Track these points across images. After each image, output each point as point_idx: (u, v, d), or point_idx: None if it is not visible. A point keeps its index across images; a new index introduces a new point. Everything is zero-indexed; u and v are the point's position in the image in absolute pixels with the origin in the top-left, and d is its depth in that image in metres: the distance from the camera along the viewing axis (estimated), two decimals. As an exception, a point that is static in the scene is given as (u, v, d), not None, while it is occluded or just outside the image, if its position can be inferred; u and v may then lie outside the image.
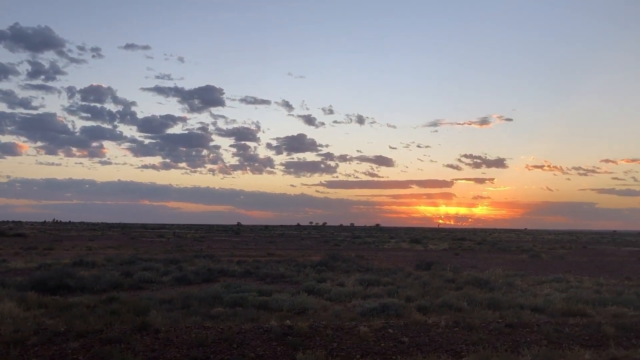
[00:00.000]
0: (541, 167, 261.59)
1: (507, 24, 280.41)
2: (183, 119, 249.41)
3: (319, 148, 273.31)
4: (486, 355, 7.77)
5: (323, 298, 13.78)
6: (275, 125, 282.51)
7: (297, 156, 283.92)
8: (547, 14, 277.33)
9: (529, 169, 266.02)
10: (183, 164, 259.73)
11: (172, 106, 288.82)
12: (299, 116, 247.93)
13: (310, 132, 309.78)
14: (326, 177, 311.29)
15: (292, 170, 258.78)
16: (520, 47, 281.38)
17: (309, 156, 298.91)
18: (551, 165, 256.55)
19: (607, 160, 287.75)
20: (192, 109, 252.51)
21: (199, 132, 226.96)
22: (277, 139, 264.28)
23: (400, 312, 11.37)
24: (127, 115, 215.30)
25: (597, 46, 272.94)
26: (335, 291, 14.51)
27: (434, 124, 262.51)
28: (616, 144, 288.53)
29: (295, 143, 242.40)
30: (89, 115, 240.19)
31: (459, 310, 11.95)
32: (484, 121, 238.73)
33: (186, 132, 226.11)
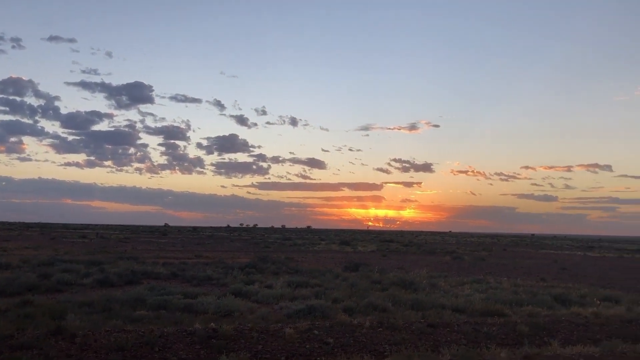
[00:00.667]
0: (465, 172, 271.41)
1: (437, 34, 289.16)
2: (110, 116, 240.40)
3: (251, 149, 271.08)
4: (408, 355, 7.94)
5: (250, 300, 13.68)
6: (206, 125, 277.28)
7: (228, 157, 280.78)
8: (475, 27, 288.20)
9: (454, 174, 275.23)
10: (109, 162, 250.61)
11: (98, 102, 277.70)
12: (231, 116, 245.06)
13: (242, 133, 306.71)
14: (258, 179, 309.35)
15: (223, 170, 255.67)
16: (448, 56, 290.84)
17: (241, 157, 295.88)
18: (475, 171, 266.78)
19: (526, 167, 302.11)
20: (120, 106, 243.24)
21: (126, 129, 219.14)
22: (207, 138, 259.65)
23: (326, 313, 11.45)
24: (49, 110, 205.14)
25: (519, 60, 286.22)
26: (263, 293, 14.44)
27: (366, 128, 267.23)
28: (535, 152, 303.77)
29: (227, 143, 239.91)
30: (7, 109, 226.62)
31: (384, 310, 12.18)
32: (412, 127, 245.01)
33: (113, 129, 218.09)
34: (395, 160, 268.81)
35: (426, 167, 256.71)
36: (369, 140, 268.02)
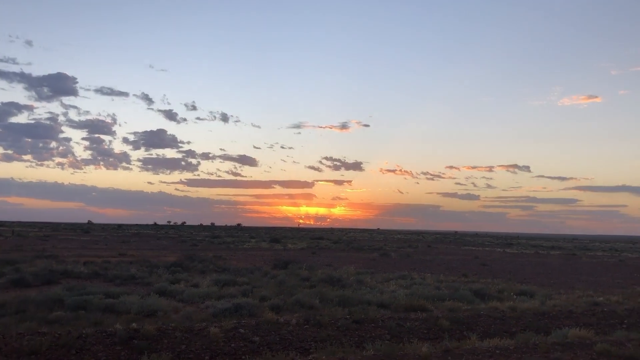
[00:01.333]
0: (394, 171, 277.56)
1: (367, 35, 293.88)
2: (29, 108, 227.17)
3: (180, 145, 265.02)
4: (332, 351, 8.02)
5: (175, 300, 13.40)
6: (133, 119, 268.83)
7: (156, 152, 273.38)
8: (401, 29, 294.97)
9: (383, 173, 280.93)
10: (28, 157, 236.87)
11: (16, 93, 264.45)
12: (160, 111, 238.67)
13: (171, 128, 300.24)
14: (187, 175, 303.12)
15: (150, 166, 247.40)
16: (377, 57, 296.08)
17: (169, 153, 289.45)
18: (403, 170, 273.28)
19: (451, 167, 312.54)
20: (41, 98, 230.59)
21: (48, 122, 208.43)
22: (134, 133, 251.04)
23: (253, 311, 11.38)
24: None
25: (445, 63, 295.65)
26: (188, 292, 14.17)
27: (298, 126, 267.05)
28: (459, 153, 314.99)
29: (155, 138, 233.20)
30: None
31: (311, 308, 12.24)
32: (344, 126, 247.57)
33: (32, 122, 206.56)
34: (326, 158, 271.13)
35: (356, 166, 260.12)
36: (301, 138, 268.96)
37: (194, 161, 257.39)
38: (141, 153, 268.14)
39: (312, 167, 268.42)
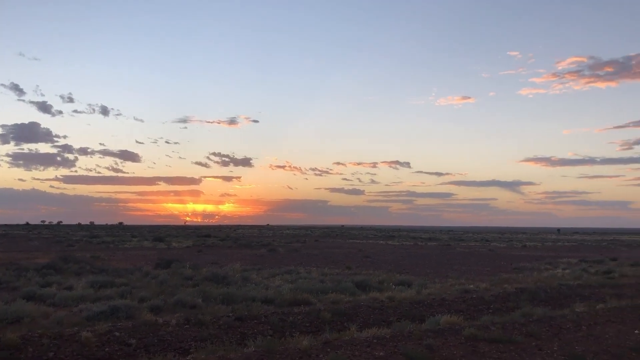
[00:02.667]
0: (283, 167, 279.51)
1: (256, 29, 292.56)
2: None
3: (55, 139, 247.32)
4: (213, 350, 7.89)
5: (46, 304, 12.48)
6: (1, 111, 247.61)
7: (27, 147, 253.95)
8: (290, 26, 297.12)
9: (273, 169, 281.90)
10: None
11: None
12: (32, 102, 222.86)
13: (45, 121, 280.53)
14: (63, 172, 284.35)
15: (21, 162, 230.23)
16: (267, 53, 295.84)
17: (43, 147, 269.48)
18: (292, 166, 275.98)
19: (338, 163, 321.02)
20: None
21: None
22: (3, 126, 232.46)
23: (131, 313, 10.89)
24: None
25: (332, 61, 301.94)
26: (61, 296, 13.29)
27: (184, 120, 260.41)
28: (346, 149, 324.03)
29: (26, 132, 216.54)
30: None
31: (193, 307, 11.96)
32: (232, 121, 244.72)
33: None
34: (214, 154, 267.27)
35: (245, 162, 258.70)
36: (187, 133, 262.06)
37: (70, 156, 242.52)
38: (11, 148, 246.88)
39: (200, 163, 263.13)
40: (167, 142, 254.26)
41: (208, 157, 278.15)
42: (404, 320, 10.66)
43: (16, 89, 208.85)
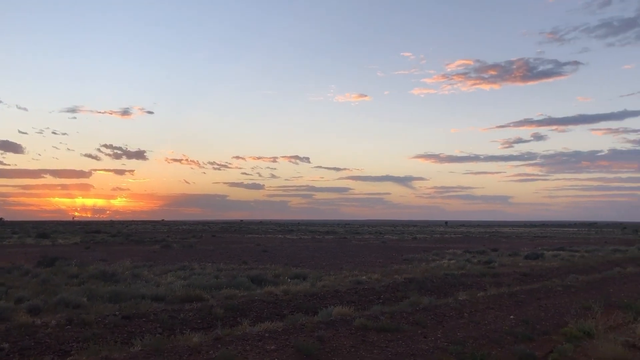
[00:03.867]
0: (180, 160, 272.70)
1: (152, 19, 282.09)
2: None
3: None
4: (96, 350, 7.50)
5: None
6: None
7: None
8: (187, 17, 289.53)
9: (169, 162, 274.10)
10: None
11: None
12: None
13: None
14: None
15: None
16: (163, 43, 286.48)
17: None
18: (189, 159, 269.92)
19: (237, 157, 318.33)
20: None
21: None
22: None
23: (6, 315, 10.09)
24: None
25: (230, 53, 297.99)
26: None
27: (73, 110, 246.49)
28: (245, 143, 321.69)
29: None
30: None
31: (77, 306, 11.30)
32: (125, 112, 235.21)
33: None
34: (106, 146, 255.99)
35: (139, 155, 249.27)
36: (77, 124, 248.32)
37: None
38: None
39: (90, 156, 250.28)
40: (54, 132, 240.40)
41: (99, 149, 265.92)
42: (297, 313, 10.74)
43: None
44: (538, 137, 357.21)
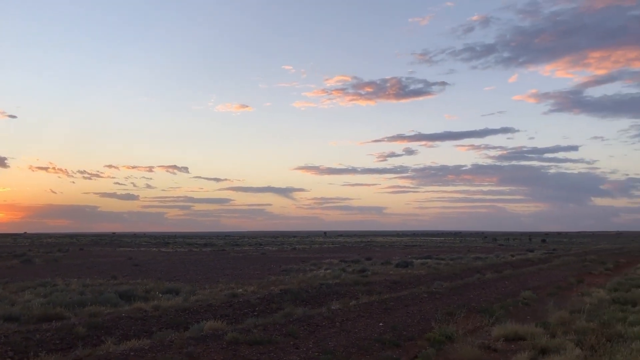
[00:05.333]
0: (46, 169, 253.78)
1: (16, 22, 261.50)
2: None
3: None
4: None
5: None
6: None
7: None
8: (53, 17, 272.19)
9: (33, 170, 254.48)
10: None
11: None
12: None
13: None
14: None
15: None
16: (26, 41, 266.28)
17: None
18: (56, 168, 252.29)
19: (110, 166, 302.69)
20: None
21: None
22: None
23: None
24: None
25: (104, 57, 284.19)
26: None
27: None
28: (119, 151, 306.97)
29: None
30: None
31: None
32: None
33: None
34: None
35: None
36: None
37: None
38: None
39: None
40: None
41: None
42: (167, 330, 10.33)
43: None
44: (409, 152, 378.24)
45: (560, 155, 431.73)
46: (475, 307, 14.25)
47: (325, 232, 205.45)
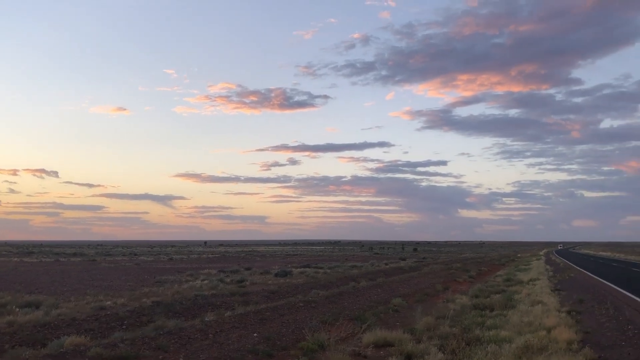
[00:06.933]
0: None
1: None
2: None
3: None
4: None
5: None
6: None
7: None
8: None
9: None
10: None
11: None
12: None
13: None
14: None
15: None
16: None
17: None
18: None
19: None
20: None
21: None
22: None
23: None
24: None
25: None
26: None
27: None
28: None
29: None
30: None
31: None
32: None
33: None
34: None
35: None
36: None
37: None
38: None
39: None
40: None
41: None
42: (22, 347, 9.50)
43: None
44: (293, 162, 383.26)
45: (431, 169, 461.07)
46: (349, 314, 14.61)
47: (205, 242, 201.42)
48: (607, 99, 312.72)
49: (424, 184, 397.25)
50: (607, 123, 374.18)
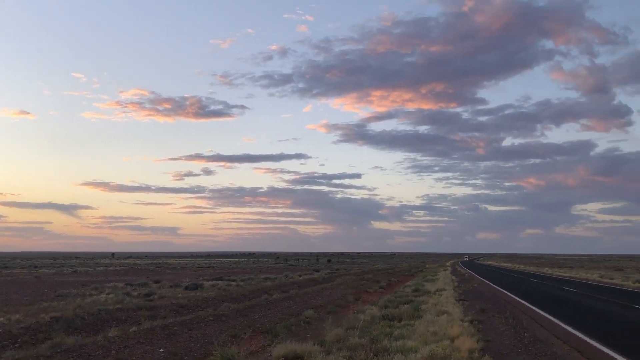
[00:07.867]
0: None
1: None
2: None
3: None
4: None
5: None
6: None
7: None
8: None
9: None
10: None
11: None
12: None
13: None
14: None
15: None
16: None
17: None
18: None
19: None
20: None
21: None
22: None
23: None
24: None
25: None
26: None
27: None
28: None
29: None
30: None
31: None
32: None
33: None
34: None
35: None
36: None
37: None
38: None
39: None
40: None
41: None
42: None
43: None
44: (207, 172, 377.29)
45: (346, 181, 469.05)
46: (260, 327, 14.47)
47: (113, 254, 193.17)
48: (509, 118, 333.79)
49: (339, 196, 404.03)
50: (509, 141, 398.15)
